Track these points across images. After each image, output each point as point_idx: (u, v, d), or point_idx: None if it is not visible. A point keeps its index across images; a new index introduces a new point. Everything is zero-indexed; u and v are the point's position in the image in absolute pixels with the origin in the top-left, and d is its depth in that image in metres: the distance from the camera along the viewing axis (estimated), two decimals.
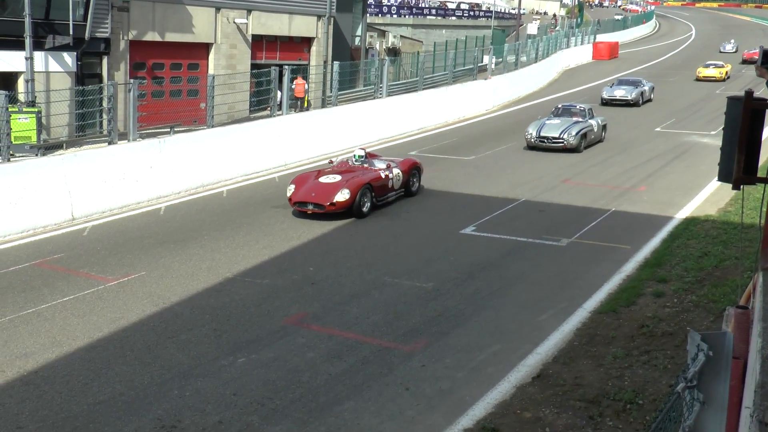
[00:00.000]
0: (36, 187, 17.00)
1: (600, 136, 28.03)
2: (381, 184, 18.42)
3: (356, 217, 17.48)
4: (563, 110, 28.20)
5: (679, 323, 11.33)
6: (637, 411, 8.88)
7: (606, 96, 38.24)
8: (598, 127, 27.76)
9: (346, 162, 19.23)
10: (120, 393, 9.59)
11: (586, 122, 27.03)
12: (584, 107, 28.26)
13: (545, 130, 26.50)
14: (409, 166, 19.84)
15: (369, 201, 17.86)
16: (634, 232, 16.80)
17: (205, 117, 23.69)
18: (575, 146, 25.89)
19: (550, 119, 27.48)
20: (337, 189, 17.38)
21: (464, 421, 8.93)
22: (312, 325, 11.76)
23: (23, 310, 12.16)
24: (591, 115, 27.96)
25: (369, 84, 36.35)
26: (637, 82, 39.58)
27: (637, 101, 37.79)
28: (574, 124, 26.61)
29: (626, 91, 38.05)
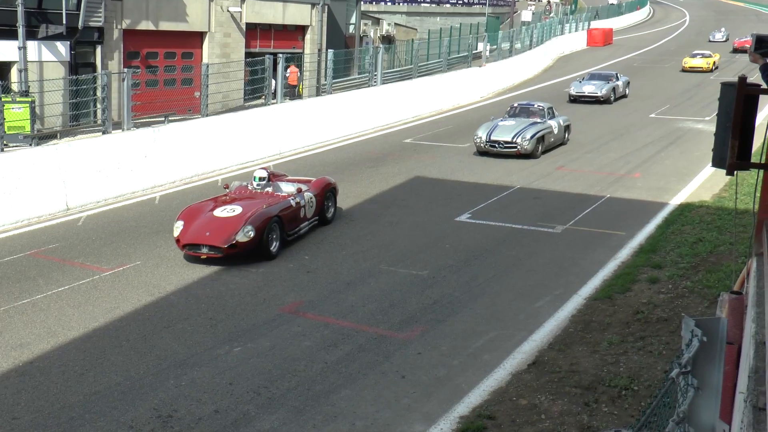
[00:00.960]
0: (30, 177, 16.97)
1: (562, 138, 25.15)
2: (292, 215, 14.94)
3: (264, 257, 14.08)
4: (520, 110, 25.15)
5: (674, 309, 11.36)
6: (632, 397, 8.91)
7: (574, 92, 35.15)
8: (559, 129, 24.80)
9: (246, 187, 15.66)
10: (116, 383, 9.60)
11: (544, 123, 24.02)
12: (543, 106, 25.19)
13: (497, 133, 23.38)
14: (323, 188, 16.29)
15: (278, 238, 14.38)
16: (629, 218, 16.82)
17: (200, 106, 23.64)
18: (530, 151, 22.87)
19: (504, 120, 24.42)
20: (238, 226, 13.77)
21: (460, 409, 8.95)
22: (308, 314, 11.77)
23: (18, 300, 12.15)
24: (551, 114, 24.97)
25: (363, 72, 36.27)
26: (609, 76, 36.50)
27: (608, 98, 34.57)
28: (530, 126, 23.52)
29: (596, 86, 34.82)
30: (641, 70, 46.77)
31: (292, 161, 23.13)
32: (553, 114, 25.09)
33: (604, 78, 35.98)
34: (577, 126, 28.93)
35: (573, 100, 34.72)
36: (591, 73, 37.52)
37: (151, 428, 8.55)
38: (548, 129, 23.98)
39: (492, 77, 39.37)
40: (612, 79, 35.81)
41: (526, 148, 22.74)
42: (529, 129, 23.28)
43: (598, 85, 34.78)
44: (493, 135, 23.32)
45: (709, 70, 45.51)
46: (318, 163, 22.61)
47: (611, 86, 34.96)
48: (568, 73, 45.81)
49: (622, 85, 36.25)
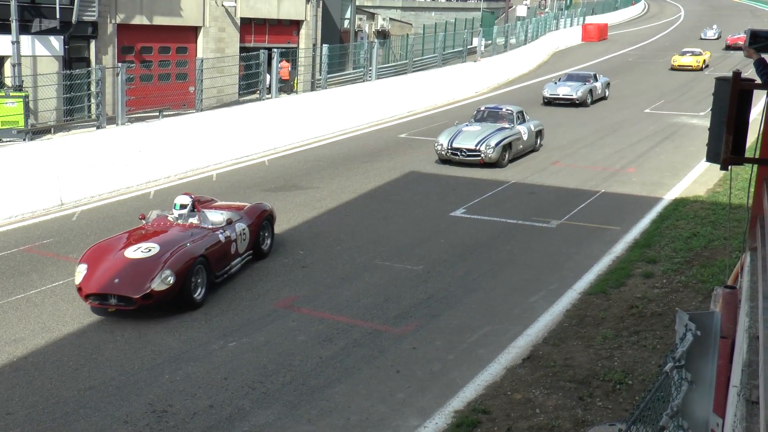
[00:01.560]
0: (24, 172, 16.92)
1: (533, 145, 23.33)
2: (220, 252, 12.44)
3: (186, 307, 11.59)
4: (487, 114, 23.27)
5: (668, 304, 11.39)
6: (626, 391, 8.93)
7: (548, 94, 32.88)
8: (529, 134, 22.90)
9: (166, 217, 12.99)
10: (110, 378, 9.59)
11: (512, 129, 22.08)
12: (512, 110, 23.10)
13: (460, 139, 21.57)
14: (258, 216, 13.91)
15: (204, 283, 11.90)
16: (623, 213, 16.84)
17: (194, 101, 23.61)
18: (495, 160, 21.01)
19: (468, 125, 22.55)
20: (154, 270, 11.24)
21: (455, 403, 8.96)
22: (302, 309, 11.77)
23: (12, 295, 12.13)
24: (521, 119, 22.94)
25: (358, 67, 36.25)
26: (587, 77, 34.17)
27: (584, 100, 32.36)
28: (496, 132, 21.66)
29: (571, 88, 32.55)
30: (636, 65, 46.81)
31: (286, 156, 23.11)
32: (524, 118, 23.15)
33: (581, 79, 33.87)
34: (571, 120, 28.99)
35: (547, 102, 32.66)
36: (568, 74, 35.30)
37: (146, 423, 8.55)
38: (516, 135, 22.06)
39: (487, 72, 39.36)
40: (589, 80, 33.74)
41: (491, 156, 20.93)
42: (494, 135, 21.48)
43: (574, 87, 32.64)
44: (456, 142, 21.53)
45: (698, 68, 43.92)
46: (313, 158, 22.59)
47: (588, 88, 32.84)
48: (562, 68, 45.78)
49: (601, 86, 34.19)
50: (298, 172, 20.82)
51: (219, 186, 19.35)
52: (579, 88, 32.54)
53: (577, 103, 32.07)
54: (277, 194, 18.32)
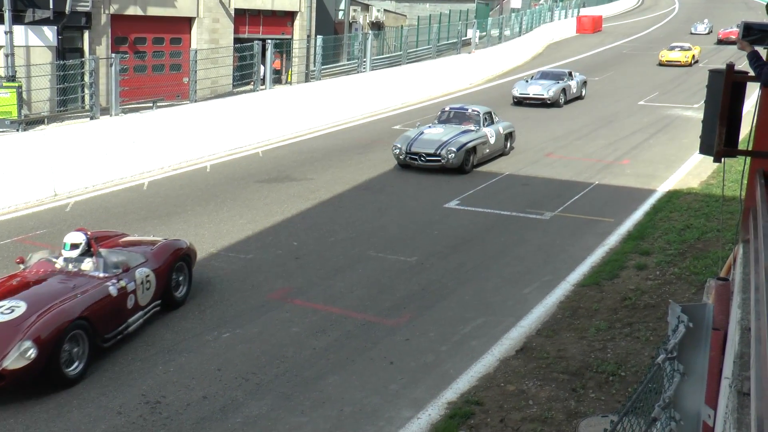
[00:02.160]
0: (18, 162, 16.88)
1: (501, 149, 21.63)
2: (110, 309, 9.84)
3: (58, 384, 9.09)
4: (452, 115, 21.62)
5: (662, 295, 11.42)
6: (619, 383, 8.96)
7: (517, 93, 30.79)
8: (497, 138, 21.24)
9: (50, 262, 10.28)
10: (104, 369, 9.58)
11: (478, 132, 20.48)
12: (479, 111, 21.36)
13: (419, 143, 19.96)
14: (170, 258, 11.28)
15: (84, 353, 9.34)
16: (617, 205, 16.87)
17: (188, 92, 23.56)
18: (457, 166, 19.49)
19: (431, 127, 20.91)
20: (11, 340, 8.65)
21: (448, 395, 8.98)
22: (296, 300, 11.78)
23: None
24: (489, 120, 21.31)
25: (353, 58, 36.17)
26: (561, 75, 31.94)
27: (557, 100, 30.23)
28: (459, 135, 20.07)
29: (542, 87, 30.41)
30: (630, 57, 46.84)
31: (280, 148, 23.08)
32: (492, 120, 21.50)
33: (555, 77, 31.64)
34: (565, 113, 28.97)
35: (517, 102, 30.65)
36: (542, 71, 32.95)
37: (140, 414, 8.56)
38: (482, 139, 20.43)
39: (481, 64, 39.34)
40: (563, 78, 31.57)
41: (452, 161, 19.35)
42: (457, 139, 19.88)
43: (546, 86, 30.46)
44: (415, 146, 19.89)
45: (687, 64, 42.51)
46: (307, 150, 22.56)
47: (560, 87, 30.62)
48: (557, 60, 45.80)
49: (576, 85, 32.01)
50: (292, 163, 20.80)
51: (212, 177, 19.32)
52: (551, 87, 30.39)
53: (548, 104, 30.07)
54: (270, 185, 18.31)
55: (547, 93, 30.10)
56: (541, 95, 30.24)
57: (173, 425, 8.35)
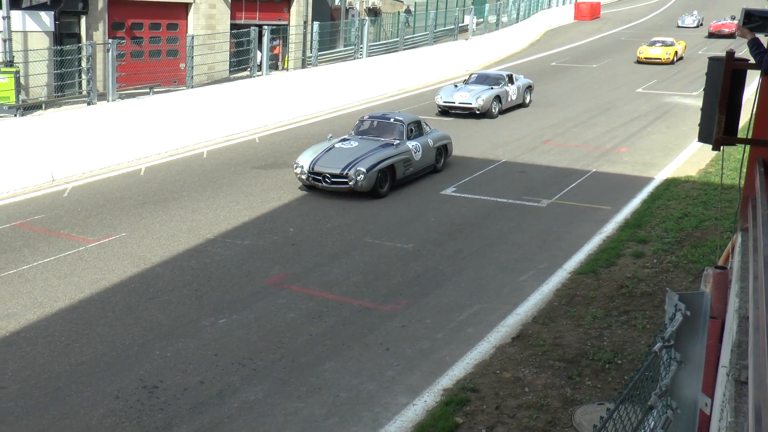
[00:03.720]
0: (15, 148, 16.84)
1: (431, 165, 18.32)
2: None
3: None
4: (371, 125, 18.20)
5: (659, 284, 11.44)
6: (615, 371, 8.99)
7: (441, 102, 25.99)
8: (425, 153, 17.86)
9: None
10: (102, 354, 9.60)
11: (399, 147, 17.17)
12: (403, 121, 17.89)
13: (325, 161, 16.46)
14: None
15: None
16: (614, 192, 16.88)
17: (185, 77, 23.50)
18: (368, 189, 16.12)
19: (344, 141, 17.43)
20: None
21: (444, 381, 9.01)
22: (292, 286, 11.79)
23: (4, 271, 12.10)
24: (417, 131, 18.08)
25: (349, 44, 36.07)
26: (498, 79, 26.88)
27: (487, 109, 25.32)
28: (375, 152, 16.68)
29: (471, 94, 25.50)
30: (629, 44, 46.71)
31: (277, 134, 23.04)
32: (420, 131, 18.22)
33: (490, 81, 26.80)
34: (564, 98, 28.90)
35: (442, 111, 26.01)
36: (479, 74, 27.91)
37: (137, 399, 8.57)
38: (403, 155, 17.12)
39: (478, 51, 39.27)
40: (500, 83, 26.60)
41: (362, 184, 15.96)
42: (371, 156, 16.49)
43: (475, 93, 25.57)
44: (319, 164, 16.39)
45: (668, 61, 38.43)
46: (303, 136, 22.52)
47: (493, 94, 25.67)
48: (554, 47, 45.75)
49: (517, 90, 27.16)
50: (288, 149, 20.76)
51: (209, 163, 19.30)
52: (481, 94, 25.47)
53: (477, 114, 25.34)
54: (267, 171, 18.28)
55: (475, 101, 25.19)
56: (468, 104, 25.34)
57: (170, 409, 8.37)
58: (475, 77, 27.32)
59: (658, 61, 38.44)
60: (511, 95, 26.69)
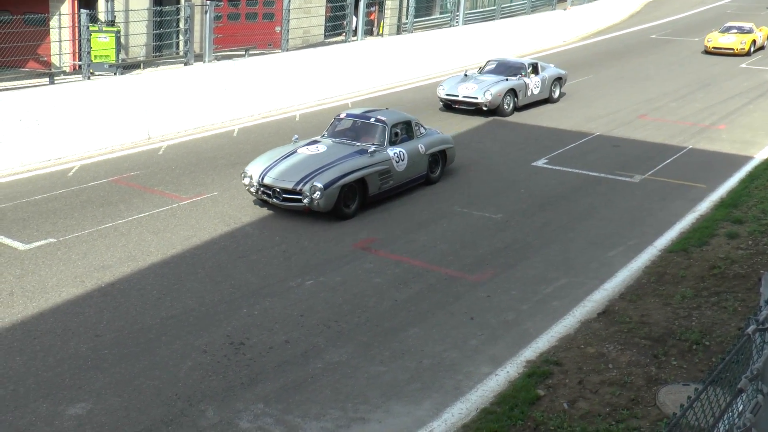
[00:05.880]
0: (114, 105, 17.32)
1: (421, 175, 14.92)
2: None
3: None
4: (352, 126, 14.91)
5: (753, 266, 11.13)
6: (702, 352, 8.81)
7: (443, 94, 21.87)
8: (411, 161, 14.50)
9: None
10: (191, 308, 9.86)
11: (376, 155, 13.86)
12: (386, 121, 14.55)
13: (278, 172, 13.33)
14: None
15: None
16: (710, 170, 16.43)
17: (280, 41, 23.72)
18: (327, 209, 12.96)
19: (312, 145, 14.22)
20: None
21: (527, 353, 8.98)
22: (379, 251, 11.87)
23: (101, 224, 12.51)
24: (406, 134, 14.78)
25: (446, 12, 35.80)
26: (518, 68, 22.48)
27: (497, 105, 21.08)
28: (343, 161, 13.50)
29: (480, 87, 21.24)
30: (734, 17, 45.12)
31: (370, 99, 23.09)
32: (411, 134, 14.94)
33: (508, 71, 22.42)
34: (662, 72, 28.15)
35: (446, 106, 22.01)
36: (498, 61, 23.29)
37: (224, 354, 8.79)
38: (380, 165, 13.85)
39: (576, 21, 38.49)
40: (520, 73, 22.31)
41: (319, 203, 12.83)
42: (335, 167, 13.28)
43: (485, 85, 21.34)
44: (270, 175, 13.30)
45: (743, 52, 32.36)
46: (395, 102, 22.49)
47: (506, 87, 21.41)
48: (655, 19, 44.52)
49: (540, 83, 22.71)
50: None
51: (301, 126, 19.48)
52: (491, 86, 21.24)
53: (484, 110, 21.18)
54: None
55: (482, 95, 20.99)
56: (473, 98, 21.16)
57: (255, 366, 8.57)
58: (493, 65, 23.01)
59: (730, 51, 32.49)
60: (532, 88, 22.29)
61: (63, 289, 10.25)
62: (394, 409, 7.90)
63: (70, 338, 9.04)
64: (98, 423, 7.51)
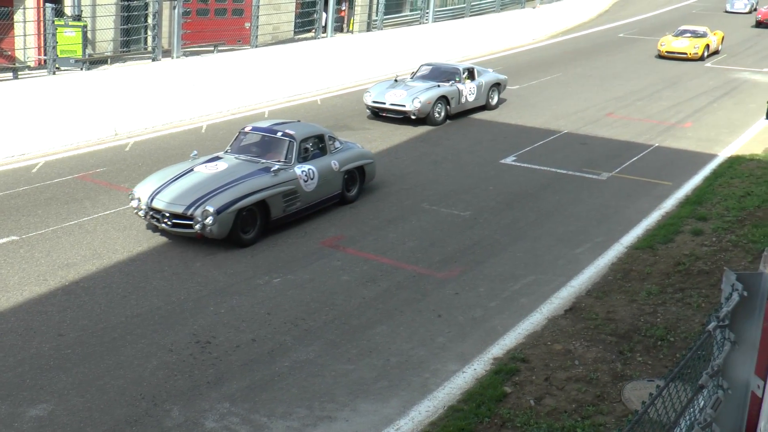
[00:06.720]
0: (80, 101, 17.15)
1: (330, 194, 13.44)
2: None
3: None
4: (257, 141, 13.47)
5: (717, 262, 11.24)
6: (667, 348, 8.89)
7: (370, 101, 20.13)
8: (323, 179, 13.13)
9: None
10: (157, 307, 9.79)
11: (281, 174, 12.42)
12: (296, 136, 13.05)
13: (169, 193, 11.92)
14: None
15: None
16: (676, 168, 16.58)
17: (249, 37, 23.60)
18: (221, 236, 11.56)
19: (211, 162, 12.88)
20: None
21: (494, 350, 9.00)
22: (348, 249, 11.85)
23: (66, 221, 12.38)
24: (316, 151, 13.35)
25: (415, 9, 35.81)
26: (453, 74, 20.88)
27: (427, 113, 19.49)
28: (243, 180, 12.09)
29: (409, 93, 19.67)
30: (699, 17, 45.57)
31: (339, 96, 23.05)
32: (323, 149, 13.53)
33: (441, 77, 20.81)
34: (629, 71, 28.36)
35: (374, 113, 20.35)
36: (432, 66, 21.64)
37: (190, 353, 8.73)
38: (283, 187, 12.39)
39: (545, 19, 38.67)
40: (454, 78, 20.68)
41: (212, 230, 11.41)
42: (231, 189, 11.87)
43: (414, 92, 19.73)
44: (160, 197, 11.90)
45: (696, 57, 31.27)
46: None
47: (437, 94, 19.79)
48: (623, 18, 44.85)
49: (476, 90, 21.06)
50: (349, 112, 20.78)
51: None
52: (420, 93, 19.62)
53: (413, 119, 19.60)
54: None
55: (411, 103, 19.37)
56: (401, 105, 19.54)
57: (222, 365, 8.52)
58: (426, 70, 21.39)
59: (684, 56, 31.39)
60: (466, 95, 20.70)
61: (25, 288, 10.13)
62: (361, 407, 7.89)
63: (32, 338, 8.93)
64: (60, 424, 7.43)
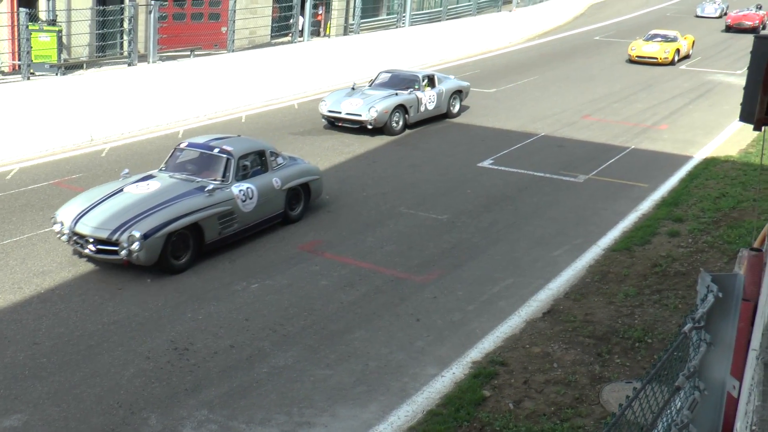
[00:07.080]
0: (56, 107, 17.02)
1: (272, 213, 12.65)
2: None
3: None
4: (193, 159, 12.59)
5: (693, 263, 11.32)
6: (645, 349, 8.93)
7: (326, 110, 19.32)
8: (263, 198, 12.33)
9: None
10: (134, 314, 9.72)
11: (216, 195, 11.62)
12: (234, 153, 12.19)
13: (94, 216, 11.05)
14: None
15: None
16: (652, 170, 16.67)
17: (226, 41, 23.52)
18: (149, 263, 10.74)
19: (144, 181, 11.99)
20: None
21: (473, 354, 9.01)
22: (326, 253, 11.82)
23: (41, 228, 12.28)
24: (256, 168, 12.54)
25: (392, 13, 35.84)
26: (412, 81, 20.24)
27: (384, 123, 18.80)
28: (174, 202, 11.26)
29: (366, 102, 19.00)
30: (674, 20, 45.90)
31: (316, 101, 22.99)
32: (264, 166, 12.69)
33: (400, 85, 20.16)
34: (605, 73, 28.51)
35: (330, 123, 19.55)
36: (391, 74, 20.93)
37: (168, 360, 8.68)
38: (218, 208, 11.57)
39: (522, 23, 38.81)
40: (412, 87, 20.01)
41: (138, 256, 10.59)
42: (161, 211, 11.03)
43: (370, 101, 19.07)
44: (84, 221, 10.99)
45: (666, 61, 30.99)
46: None
47: (395, 102, 19.12)
48: (599, 21, 45.09)
49: (437, 97, 20.44)
50: None
51: (247, 127, 19.33)
52: (377, 102, 18.96)
53: (369, 129, 18.87)
54: (305, 138, 18.30)
55: (367, 112, 18.70)
56: (357, 115, 18.86)
57: (200, 372, 8.47)
58: (385, 77, 20.68)
59: (654, 60, 31.07)
60: (425, 103, 20.04)
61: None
62: (340, 412, 7.87)
63: (6, 347, 8.84)
64: None
